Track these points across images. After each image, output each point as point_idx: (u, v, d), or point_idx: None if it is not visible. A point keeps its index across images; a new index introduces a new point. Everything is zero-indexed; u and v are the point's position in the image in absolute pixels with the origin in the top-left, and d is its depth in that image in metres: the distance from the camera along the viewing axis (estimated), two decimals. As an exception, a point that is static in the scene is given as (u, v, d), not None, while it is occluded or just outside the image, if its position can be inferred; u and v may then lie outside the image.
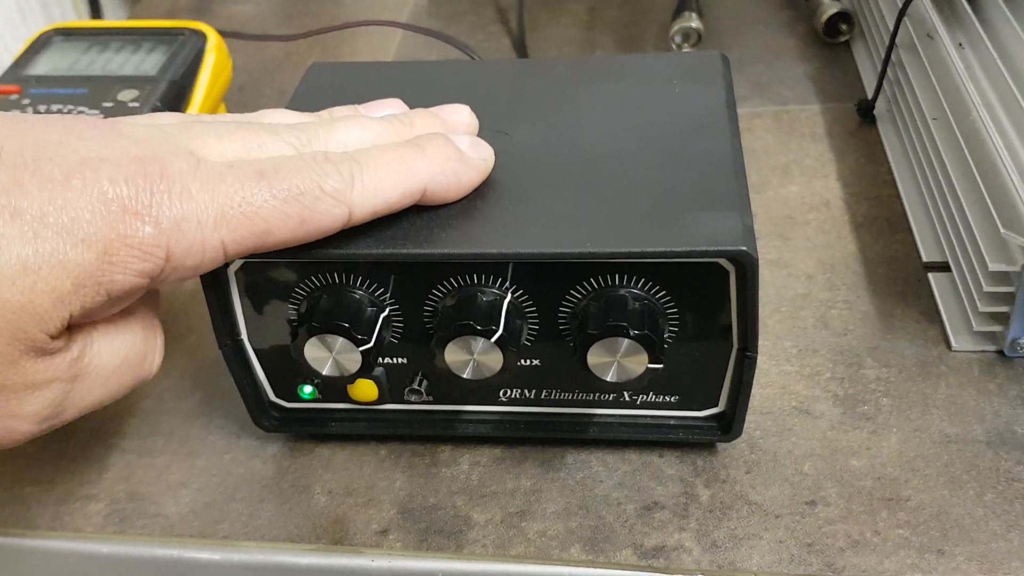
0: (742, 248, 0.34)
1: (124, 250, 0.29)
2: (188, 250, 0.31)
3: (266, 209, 0.32)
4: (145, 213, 0.30)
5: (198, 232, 0.31)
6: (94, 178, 0.30)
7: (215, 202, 0.31)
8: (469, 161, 0.38)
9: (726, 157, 0.39)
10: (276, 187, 0.32)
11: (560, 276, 0.37)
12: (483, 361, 0.37)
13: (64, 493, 0.43)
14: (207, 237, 0.31)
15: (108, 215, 0.29)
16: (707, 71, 0.45)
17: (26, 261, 0.28)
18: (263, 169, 0.32)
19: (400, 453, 0.44)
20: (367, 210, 0.34)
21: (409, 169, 0.35)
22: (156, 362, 0.36)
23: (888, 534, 0.38)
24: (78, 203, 0.29)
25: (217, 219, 0.31)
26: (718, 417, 0.41)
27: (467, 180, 0.38)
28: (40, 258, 0.28)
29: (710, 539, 0.39)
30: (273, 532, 0.41)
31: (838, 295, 0.49)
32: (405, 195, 0.36)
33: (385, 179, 0.35)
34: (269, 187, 0.32)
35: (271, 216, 0.32)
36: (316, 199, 0.33)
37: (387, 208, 0.35)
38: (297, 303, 0.39)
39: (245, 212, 0.32)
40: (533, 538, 0.39)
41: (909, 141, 0.56)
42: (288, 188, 0.32)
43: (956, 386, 0.44)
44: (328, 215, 0.33)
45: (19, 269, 0.28)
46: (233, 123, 0.36)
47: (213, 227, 0.31)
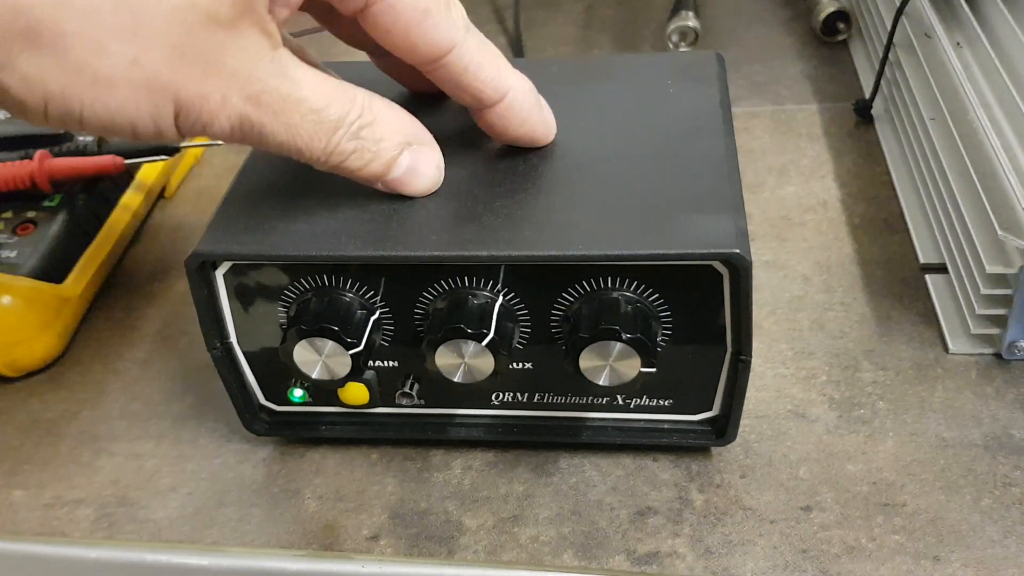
0: (735, 250, 0.34)
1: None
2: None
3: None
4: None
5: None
6: None
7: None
8: (543, 110, 0.40)
9: (720, 158, 0.39)
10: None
11: (552, 279, 0.37)
12: (474, 365, 0.37)
13: (52, 498, 0.43)
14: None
15: None
16: (702, 71, 0.45)
17: None
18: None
19: (391, 457, 0.43)
20: (466, 59, 0.36)
21: (505, 68, 0.38)
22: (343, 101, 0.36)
23: (884, 540, 0.38)
24: None
25: None
26: (712, 421, 0.41)
27: (534, 122, 0.39)
28: None
29: (704, 545, 0.38)
30: (263, 538, 0.40)
31: (835, 297, 0.49)
32: (495, 80, 0.37)
33: (489, 54, 0.37)
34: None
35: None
36: (445, 7, 0.34)
37: (477, 80, 0.37)
38: (286, 306, 0.39)
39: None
40: (525, 544, 0.39)
41: (907, 141, 0.56)
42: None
43: (953, 389, 0.43)
44: (445, 28, 0.35)
45: None
46: None
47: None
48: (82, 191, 0.53)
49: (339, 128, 0.34)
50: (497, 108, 0.38)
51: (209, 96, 0.31)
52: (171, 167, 0.60)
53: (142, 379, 0.49)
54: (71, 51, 0.29)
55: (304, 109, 0.33)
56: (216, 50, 0.31)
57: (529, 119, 0.39)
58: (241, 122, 0.32)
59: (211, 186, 0.62)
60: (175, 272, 0.55)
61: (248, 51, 0.31)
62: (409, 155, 0.37)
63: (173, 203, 0.61)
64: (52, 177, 0.51)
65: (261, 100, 0.32)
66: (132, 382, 0.48)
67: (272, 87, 0.32)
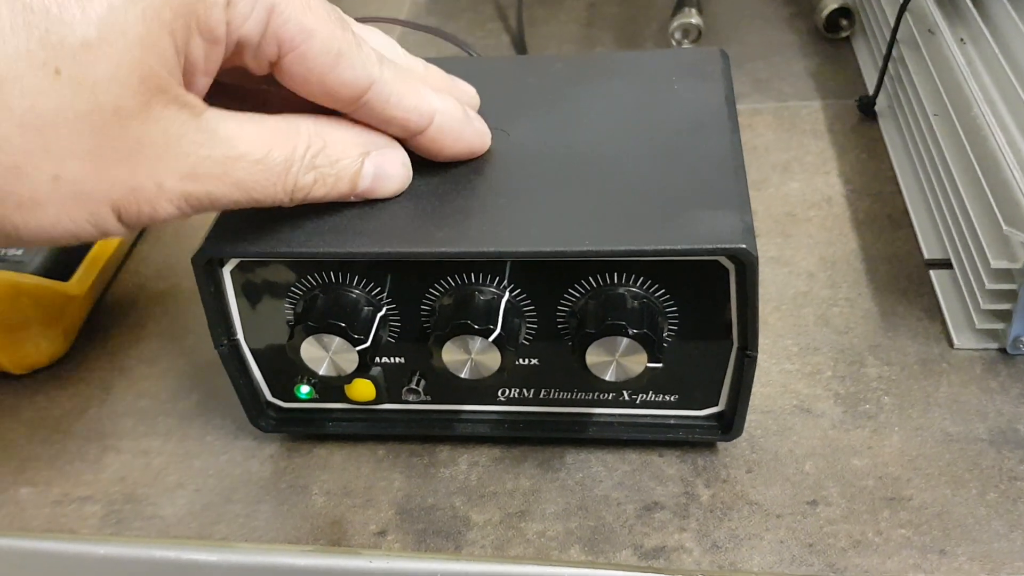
0: (742, 246, 0.34)
1: None
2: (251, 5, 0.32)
3: (320, 12, 0.33)
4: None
5: None
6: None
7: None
8: (472, 123, 0.39)
9: (725, 154, 0.39)
10: (332, 11, 0.34)
11: (558, 275, 0.37)
12: (481, 360, 0.37)
13: (60, 495, 0.43)
14: None
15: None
16: (706, 67, 0.45)
17: None
18: None
19: (398, 453, 0.43)
20: (385, 93, 0.36)
21: (425, 94, 0.37)
22: None
23: (890, 534, 0.38)
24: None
25: None
26: (718, 416, 0.41)
27: (468, 137, 0.39)
28: None
29: (711, 539, 0.38)
30: (270, 533, 0.41)
31: (839, 293, 0.49)
32: (416, 109, 0.37)
33: (407, 84, 0.36)
34: (328, 6, 0.34)
35: (321, 22, 0.33)
36: (357, 45, 0.34)
37: (399, 112, 0.36)
38: (293, 302, 0.39)
39: (298, 5, 0.33)
40: (532, 539, 0.39)
41: (911, 137, 0.56)
42: (341, 19, 0.34)
43: (958, 384, 0.44)
44: (359, 68, 0.34)
45: None
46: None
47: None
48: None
49: (291, 166, 0.34)
50: (427, 133, 0.37)
51: (143, 188, 0.31)
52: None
53: (148, 376, 0.49)
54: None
55: (247, 163, 0.33)
56: (135, 142, 0.30)
57: (462, 136, 0.39)
58: (186, 200, 0.32)
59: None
60: (180, 270, 0.55)
61: (170, 131, 0.31)
62: (371, 163, 0.36)
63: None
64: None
65: (198, 173, 0.32)
66: (138, 379, 0.49)
67: (205, 156, 0.31)
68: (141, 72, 0.29)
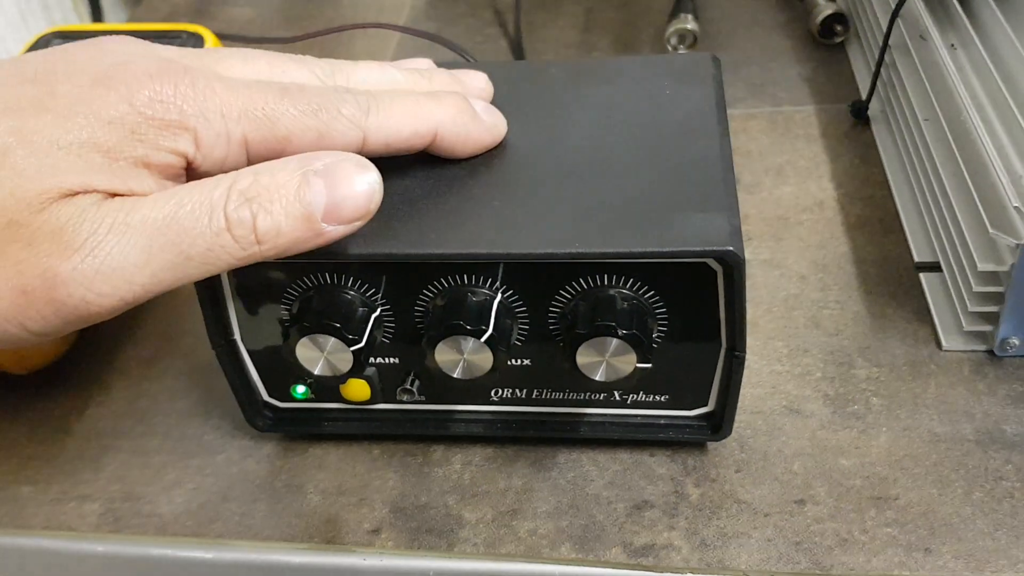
0: (729, 248, 0.34)
1: (152, 130, 0.31)
2: (215, 139, 0.32)
3: (287, 118, 0.34)
4: (170, 102, 0.32)
5: (223, 123, 0.32)
6: (122, 76, 0.32)
7: (238, 102, 0.33)
8: (481, 120, 0.40)
9: (714, 158, 0.39)
10: (298, 102, 0.34)
11: (550, 276, 0.37)
12: (473, 361, 0.37)
13: (59, 493, 0.44)
14: (231, 129, 0.33)
15: (134, 102, 0.31)
16: (698, 72, 0.46)
17: (58, 141, 0.30)
18: (286, 87, 0.34)
19: (393, 453, 0.44)
20: (380, 140, 0.36)
21: (422, 112, 0.37)
22: None
23: (876, 532, 0.38)
24: (106, 97, 0.31)
25: (240, 114, 0.33)
26: (708, 416, 0.41)
27: (477, 136, 0.39)
28: (71, 137, 0.30)
29: (699, 537, 0.39)
30: (266, 531, 0.41)
31: (830, 295, 0.49)
32: (416, 134, 0.37)
33: (400, 116, 0.37)
34: (291, 101, 0.34)
35: (291, 125, 0.34)
36: (334, 118, 0.35)
37: (399, 143, 0.37)
38: (289, 303, 0.39)
39: (268, 115, 0.33)
40: (524, 537, 0.40)
41: (902, 142, 0.56)
42: (308, 104, 0.34)
43: (946, 385, 0.44)
44: (344, 135, 0.35)
45: (50, 148, 0.30)
46: (259, 51, 0.38)
47: (237, 119, 0.33)
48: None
49: (213, 209, 0.31)
50: (433, 146, 0.38)
51: (34, 289, 0.30)
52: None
53: (147, 377, 0.49)
54: None
55: (162, 232, 0.31)
56: (27, 255, 0.30)
57: (470, 138, 0.39)
58: (126, 296, 0.31)
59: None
60: (180, 272, 0.56)
61: (69, 222, 0.30)
62: (316, 175, 0.33)
63: (178, 204, 0.62)
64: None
65: (110, 267, 0.30)
66: (137, 380, 0.49)
67: (118, 252, 0.30)
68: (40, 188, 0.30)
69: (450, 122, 0.38)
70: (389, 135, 0.36)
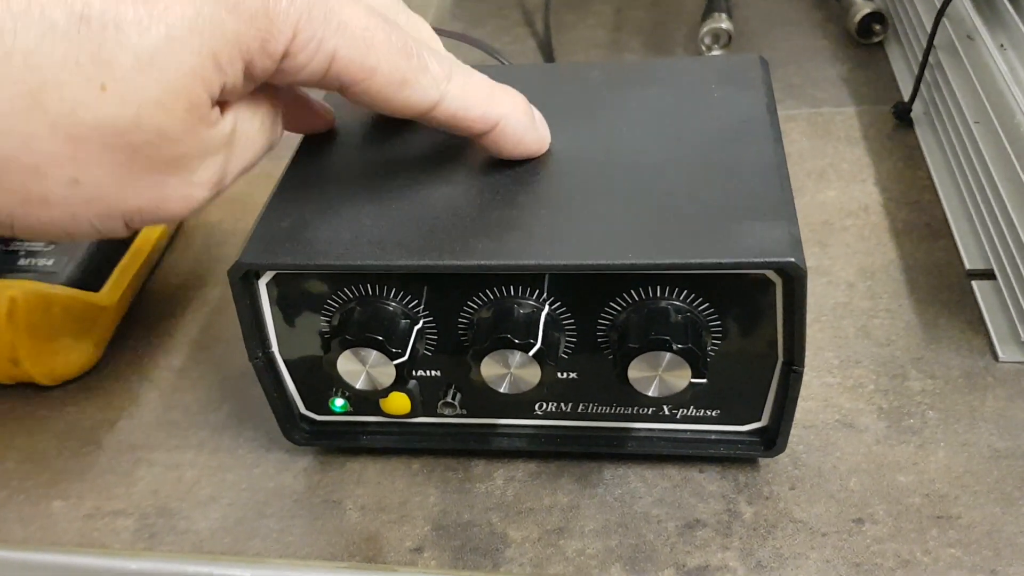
0: (790, 259, 0.33)
1: (264, 21, 0.30)
2: (307, 42, 0.31)
3: (382, 48, 0.33)
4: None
5: (321, 26, 0.31)
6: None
7: (344, 12, 0.32)
8: (536, 126, 0.40)
9: (769, 164, 0.38)
10: (397, 38, 0.34)
11: (599, 288, 0.36)
12: (520, 375, 0.36)
13: (92, 508, 0.43)
14: (326, 36, 0.32)
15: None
16: (746, 75, 0.44)
17: (193, 22, 0.29)
18: (391, 22, 0.34)
19: (433, 468, 0.43)
20: (450, 110, 0.36)
21: (494, 97, 0.37)
22: (280, 132, 0.37)
23: (939, 553, 0.37)
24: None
25: (340, 26, 0.32)
26: (761, 432, 0.40)
27: (530, 140, 0.39)
28: (203, 21, 0.29)
29: (755, 558, 0.37)
30: (305, 549, 0.40)
31: (880, 304, 0.48)
32: (483, 117, 0.37)
33: (475, 94, 0.37)
34: (391, 34, 0.33)
35: (384, 56, 0.33)
36: (422, 69, 0.34)
37: (465, 120, 0.37)
38: (329, 315, 0.38)
39: (365, 38, 0.33)
40: (572, 556, 0.38)
41: (949, 145, 0.55)
42: (406, 45, 0.34)
43: (1004, 398, 0.43)
44: (424, 91, 0.35)
45: (188, 30, 0.29)
46: None
47: (335, 30, 0.32)
48: (117, 198, 0.52)
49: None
50: (490, 136, 0.38)
51: (168, 199, 0.32)
52: (204, 173, 0.60)
53: (179, 388, 0.48)
54: (4, 175, 0.29)
55: None
56: (171, 161, 0.31)
57: (522, 140, 0.39)
58: (207, 197, 0.33)
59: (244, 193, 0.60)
60: (210, 279, 0.55)
61: (206, 151, 0.32)
62: None
63: (206, 210, 0.61)
64: (88, 184, 0.51)
65: (226, 179, 0.34)
66: (169, 391, 0.48)
67: (234, 166, 0.33)
68: (188, 100, 0.30)
69: (513, 117, 0.38)
70: (459, 108, 0.36)
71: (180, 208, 0.32)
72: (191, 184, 0.32)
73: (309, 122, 0.43)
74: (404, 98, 0.34)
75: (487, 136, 0.38)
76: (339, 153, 0.42)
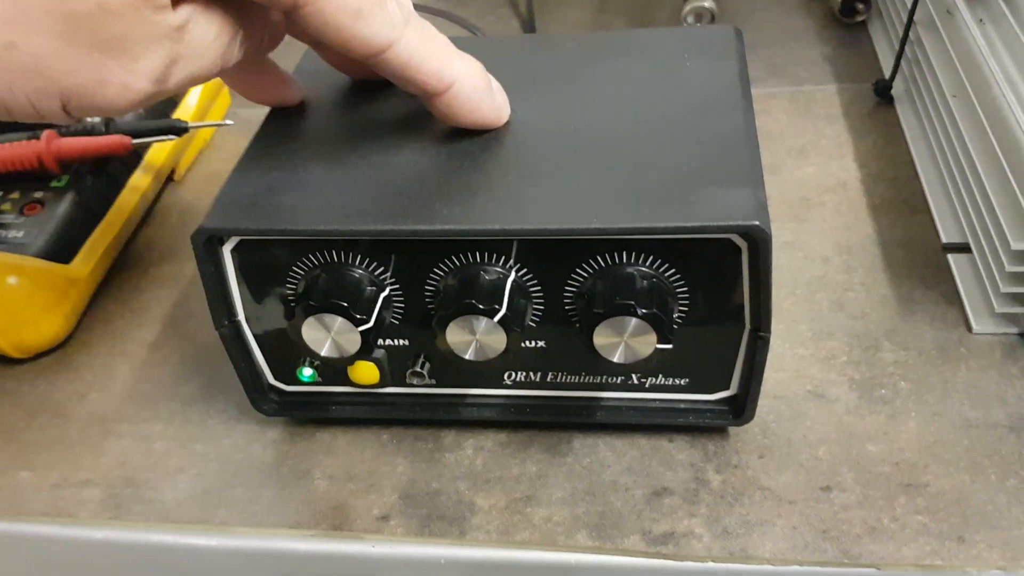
0: (755, 223, 0.33)
1: None
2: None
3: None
4: None
5: None
6: None
7: None
8: (493, 94, 0.39)
9: (738, 132, 0.38)
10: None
11: (566, 253, 0.36)
12: (486, 342, 0.36)
13: (60, 479, 0.42)
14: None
15: None
16: (719, 45, 0.44)
17: None
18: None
19: (402, 438, 0.42)
20: (403, 57, 0.35)
21: (449, 57, 0.37)
22: (236, 54, 0.35)
23: (906, 520, 0.37)
24: None
25: None
26: (730, 400, 0.40)
27: (486, 108, 0.38)
28: None
29: (721, 525, 0.37)
30: (272, 518, 0.40)
31: (855, 277, 0.48)
32: (436, 74, 0.36)
33: (431, 47, 0.36)
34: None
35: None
36: (380, 5, 0.33)
37: (417, 74, 0.36)
38: (295, 283, 0.38)
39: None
40: (538, 524, 0.38)
41: (928, 120, 0.54)
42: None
43: (977, 369, 0.42)
44: (378, 29, 0.34)
45: None
46: None
47: None
48: (90, 172, 0.52)
49: None
50: (443, 97, 0.37)
51: (106, 83, 0.30)
52: (180, 149, 0.60)
53: (150, 361, 0.48)
54: None
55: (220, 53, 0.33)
56: (112, 39, 0.29)
57: (478, 107, 0.38)
58: (147, 90, 0.31)
59: (221, 170, 0.60)
60: (184, 254, 0.55)
61: (152, 37, 0.30)
62: None
63: (182, 186, 0.61)
64: (59, 157, 0.51)
65: (169, 76, 0.32)
66: (140, 364, 0.48)
67: (183, 63, 0.32)
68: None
69: (469, 81, 0.37)
70: (413, 57, 0.35)
71: (117, 96, 0.31)
72: (131, 71, 0.30)
73: (276, 93, 0.42)
74: (357, 31, 0.33)
75: (441, 98, 0.37)
76: (306, 122, 0.42)
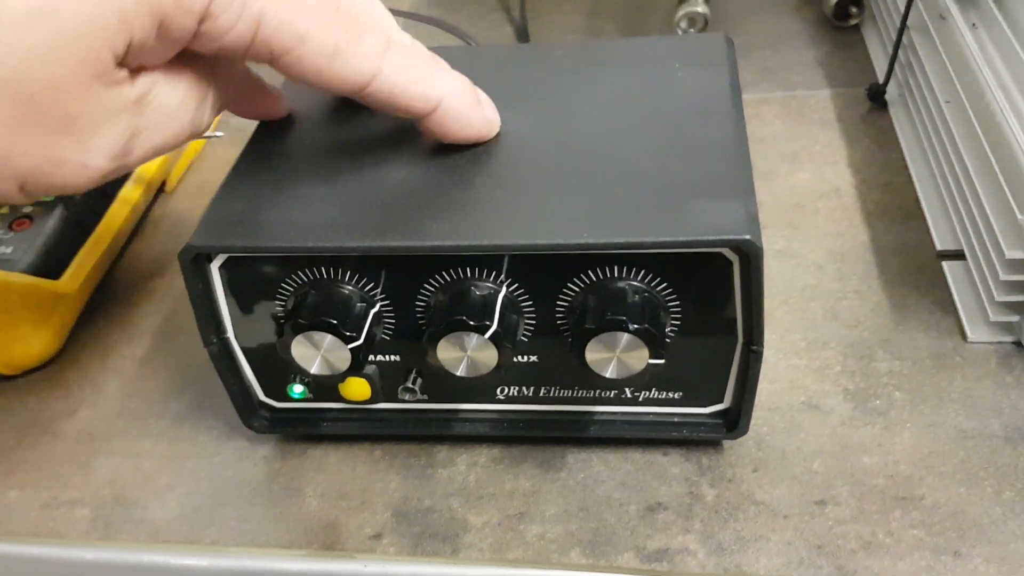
0: (746, 237, 0.33)
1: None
2: (229, 2, 0.30)
3: (313, 13, 0.32)
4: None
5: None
6: None
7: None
8: (482, 108, 0.38)
9: (729, 143, 0.37)
10: (328, 4, 0.32)
11: (557, 269, 0.36)
12: (477, 358, 0.36)
13: (48, 498, 0.42)
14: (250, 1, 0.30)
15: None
16: (711, 54, 0.44)
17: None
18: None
19: (395, 454, 0.42)
20: (386, 87, 0.34)
21: (434, 77, 0.36)
22: (207, 117, 0.35)
23: (902, 535, 0.36)
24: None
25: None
26: (723, 414, 0.39)
27: (475, 123, 0.38)
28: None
29: (715, 541, 0.37)
30: (263, 537, 0.39)
31: (849, 285, 0.47)
32: (423, 95, 0.36)
33: (414, 72, 0.35)
34: (324, 1, 0.32)
35: (314, 23, 0.32)
36: (356, 39, 0.33)
37: (403, 99, 0.35)
38: (284, 299, 0.38)
39: (294, 2, 0.31)
40: (532, 541, 0.38)
41: (922, 126, 0.54)
42: (338, 14, 0.33)
43: (972, 379, 0.42)
44: (358, 64, 0.33)
45: None
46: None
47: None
48: (79, 185, 0.52)
49: None
50: (432, 117, 0.37)
51: (65, 162, 0.30)
52: (171, 161, 0.60)
53: (141, 377, 0.48)
54: None
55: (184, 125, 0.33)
56: (65, 118, 0.29)
57: (468, 123, 0.38)
58: (105, 167, 0.31)
59: (212, 181, 0.61)
60: (175, 267, 0.54)
61: (107, 112, 0.30)
62: None
63: (173, 198, 0.60)
64: (48, 171, 0.50)
65: (131, 150, 0.31)
66: (130, 380, 0.47)
67: (143, 136, 0.31)
68: (83, 54, 0.28)
69: (456, 98, 0.37)
70: (397, 85, 0.35)
71: (75, 176, 0.30)
72: (88, 150, 0.30)
73: (263, 108, 0.42)
74: (336, 71, 0.33)
75: (430, 118, 0.37)
76: (294, 137, 0.42)
